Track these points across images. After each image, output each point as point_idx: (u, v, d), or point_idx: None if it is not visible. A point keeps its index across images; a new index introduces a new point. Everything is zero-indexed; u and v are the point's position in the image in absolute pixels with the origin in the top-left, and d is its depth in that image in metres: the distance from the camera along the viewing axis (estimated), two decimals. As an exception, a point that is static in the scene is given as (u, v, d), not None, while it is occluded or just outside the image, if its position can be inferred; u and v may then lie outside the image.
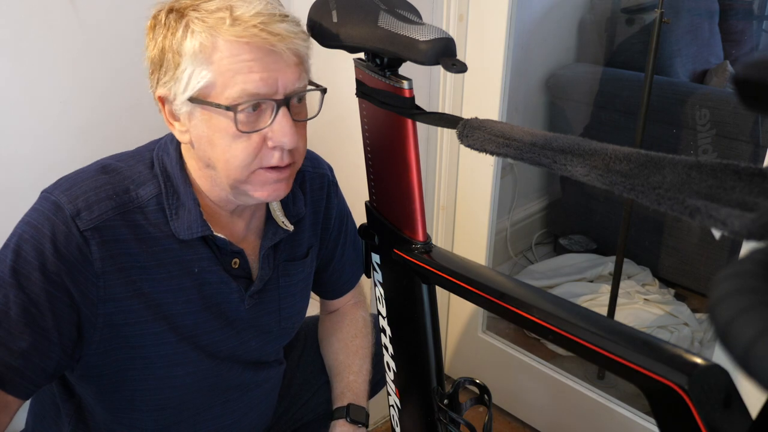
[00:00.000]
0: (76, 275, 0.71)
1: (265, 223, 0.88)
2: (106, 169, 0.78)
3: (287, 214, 0.89)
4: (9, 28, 1.05)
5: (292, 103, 0.73)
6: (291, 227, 0.88)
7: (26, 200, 0.76)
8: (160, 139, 0.84)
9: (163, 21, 0.71)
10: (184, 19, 0.70)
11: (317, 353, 1.11)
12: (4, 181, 1.12)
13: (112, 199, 0.74)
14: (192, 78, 0.70)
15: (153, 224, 0.76)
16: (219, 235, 0.80)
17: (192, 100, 0.71)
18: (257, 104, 0.71)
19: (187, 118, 0.73)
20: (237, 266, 0.84)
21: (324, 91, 0.77)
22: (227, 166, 0.74)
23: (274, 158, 0.74)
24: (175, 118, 0.75)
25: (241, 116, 0.70)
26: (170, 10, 0.71)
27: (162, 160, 0.79)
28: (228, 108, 0.70)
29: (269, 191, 0.76)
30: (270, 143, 0.73)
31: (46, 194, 0.75)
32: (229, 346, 0.86)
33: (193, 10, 0.70)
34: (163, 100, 0.74)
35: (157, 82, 0.73)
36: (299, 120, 0.75)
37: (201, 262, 0.80)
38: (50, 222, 0.71)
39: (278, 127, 0.72)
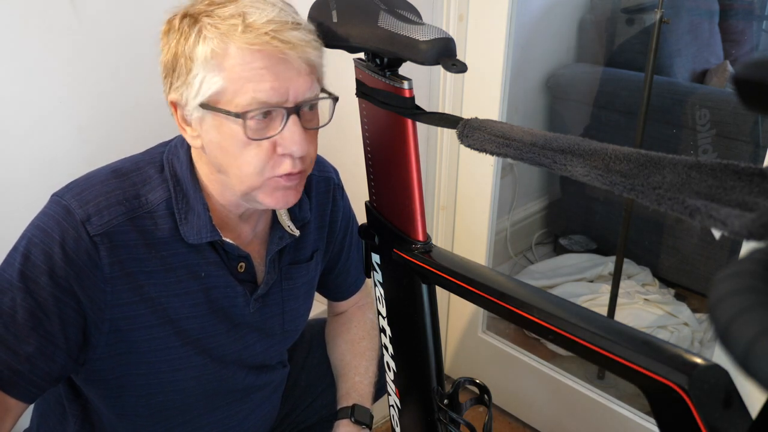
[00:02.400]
0: (84, 280, 0.71)
1: (271, 228, 0.88)
2: (116, 173, 0.77)
3: (293, 219, 0.89)
4: (8, 28, 1.05)
5: (303, 111, 0.73)
6: (297, 232, 0.88)
7: (25, 199, 0.77)
8: (170, 141, 0.83)
9: (176, 26, 0.71)
10: (197, 25, 0.69)
11: (322, 356, 1.12)
12: (3, 180, 1.12)
13: (123, 205, 0.74)
14: (203, 84, 0.69)
15: (161, 229, 0.77)
16: (227, 240, 0.80)
17: (203, 105, 0.70)
18: (267, 112, 0.70)
19: (199, 123, 0.73)
20: (243, 270, 0.84)
21: (336, 99, 0.77)
22: (240, 172, 0.73)
23: (286, 166, 0.73)
24: (187, 123, 0.74)
25: (250, 123, 0.70)
26: (184, 16, 0.71)
27: (172, 163, 0.79)
28: (237, 115, 0.69)
29: (279, 198, 0.76)
30: (280, 150, 0.73)
31: (57, 198, 0.74)
32: (233, 349, 0.86)
33: (207, 15, 0.69)
34: (175, 105, 0.74)
35: (170, 87, 0.73)
36: (310, 128, 0.75)
37: (207, 266, 0.80)
38: (60, 226, 0.71)
39: (288, 135, 0.72)
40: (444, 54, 0.63)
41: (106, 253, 0.72)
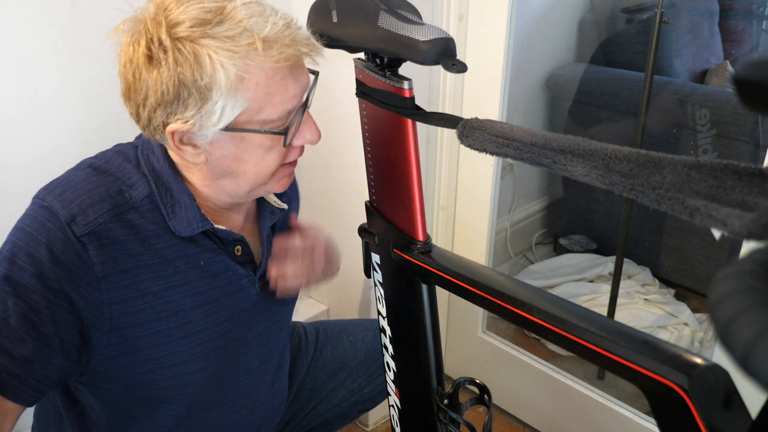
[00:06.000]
0: (76, 281, 0.71)
1: (258, 207, 0.88)
2: (96, 170, 0.77)
3: (278, 195, 0.89)
4: (8, 28, 1.05)
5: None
6: (285, 206, 0.90)
7: (25, 200, 0.76)
8: (140, 135, 0.81)
9: (168, 51, 0.65)
10: (202, 49, 0.65)
11: (326, 359, 1.13)
12: (2, 180, 1.12)
13: (107, 201, 0.73)
14: (226, 110, 0.67)
15: (151, 222, 0.76)
16: (219, 226, 0.80)
17: (227, 129, 0.69)
18: None
19: (209, 143, 0.71)
20: (240, 253, 0.84)
21: (317, 74, 0.78)
22: (256, 177, 0.75)
23: (296, 154, 0.79)
24: (189, 144, 0.71)
25: (290, 132, 0.72)
26: (174, 38, 0.66)
27: (148, 158, 0.78)
28: (281, 132, 0.72)
29: (285, 183, 0.80)
30: (297, 143, 0.76)
31: (39, 200, 0.74)
32: (237, 333, 0.86)
33: (206, 37, 0.65)
34: (173, 132, 0.70)
35: (170, 116, 0.68)
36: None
37: (205, 254, 0.80)
38: (45, 229, 0.70)
39: (307, 128, 0.76)
40: (444, 54, 0.63)
41: (96, 252, 0.71)
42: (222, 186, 0.77)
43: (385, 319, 0.89)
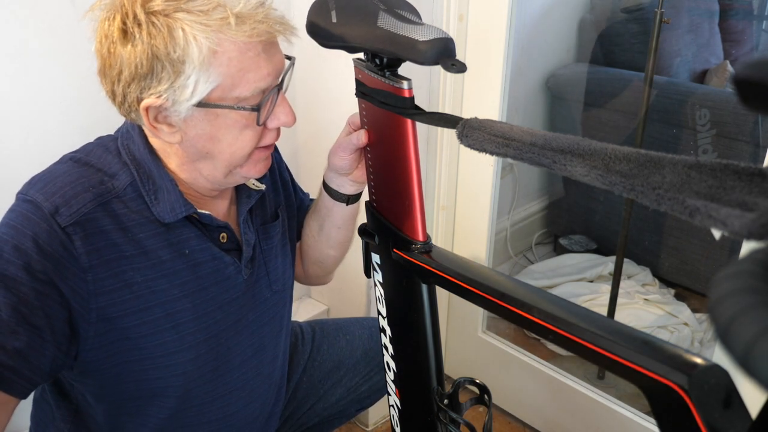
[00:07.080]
0: (63, 272, 0.71)
1: (236, 192, 0.88)
2: (78, 162, 0.77)
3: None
4: (9, 28, 1.05)
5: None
6: (263, 186, 0.90)
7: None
8: (121, 126, 0.82)
9: (143, 25, 0.66)
10: (175, 23, 0.66)
11: (324, 357, 1.12)
12: (2, 181, 1.12)
13: (89, 191, 0.73)
14: (199, 84, 0.68)
15: (135, 211, 0.75)
16: (203, 211, 0.80)
17: (200, 105, 0.70)
18: None
19: (183, 121, 0.72)
20: (225, 240, 0.84)
21: (293, 61, 0.78)
22: (233, 156, 0.75)
23: (272, 137, 0.79)
24: (164, 123, 0.72)
25: (263, 111, 0.73)
26: (149, 12, 0.67)
27: (128, 148, 0.78)
28: (254, 109, 0.72)
29: (262, 167, 0.80)
30: (271, 125, 0.76)
31: (22, 195, 0.74)
32: (227, 323, 0.86)
33: (181, 11, 0.66)
34: (147, 108, 0.70)
35: (143, 91, 0.69)
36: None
37: (190, 242, 0.80)
38: (30, 221, 0.71)
39: (281, 110, 0.76)
40: (443, 54, 0.63)
41: (81, 243, 0.71)
42: (199, 169, 0.77)
43: (385, 319, 0.89)
